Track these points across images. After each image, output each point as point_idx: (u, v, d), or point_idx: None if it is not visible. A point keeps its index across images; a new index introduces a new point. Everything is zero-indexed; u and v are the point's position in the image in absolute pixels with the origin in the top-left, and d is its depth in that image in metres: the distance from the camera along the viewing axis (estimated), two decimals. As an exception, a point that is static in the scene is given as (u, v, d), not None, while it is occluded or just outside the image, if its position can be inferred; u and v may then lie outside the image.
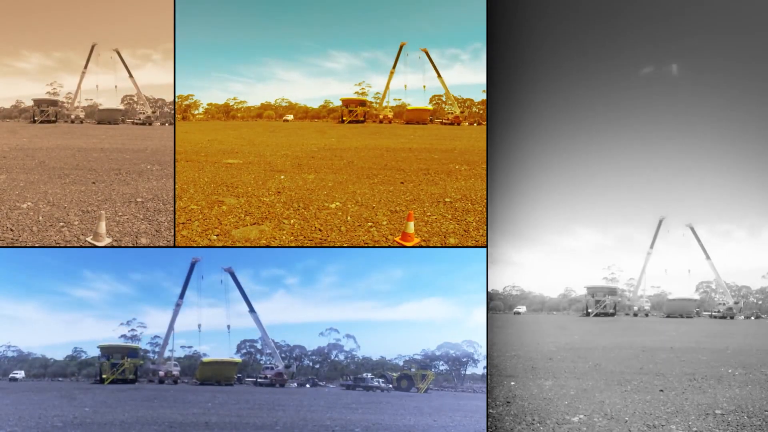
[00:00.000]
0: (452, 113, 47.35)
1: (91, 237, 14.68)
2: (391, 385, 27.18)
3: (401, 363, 31.27)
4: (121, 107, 43.81)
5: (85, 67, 40.23)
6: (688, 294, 34.28)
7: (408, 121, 47.29)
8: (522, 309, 35.70)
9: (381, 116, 48.21)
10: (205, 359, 27.85)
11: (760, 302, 34.02)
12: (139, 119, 43.24)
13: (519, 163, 22.37)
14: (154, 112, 43.60)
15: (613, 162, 26.92)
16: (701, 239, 31.10)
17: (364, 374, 27.90)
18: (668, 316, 33.92)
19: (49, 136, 34.66)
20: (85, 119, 43.56)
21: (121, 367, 26.79)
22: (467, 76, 46.55)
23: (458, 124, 46.65)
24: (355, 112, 48.29)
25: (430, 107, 48.10)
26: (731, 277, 33.76)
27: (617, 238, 30.41)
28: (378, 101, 48.70)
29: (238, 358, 28.61)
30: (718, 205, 28.27)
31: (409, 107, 47.62)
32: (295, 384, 28.02)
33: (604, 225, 29.01)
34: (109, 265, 26.99)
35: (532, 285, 33.28)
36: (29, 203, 17.26)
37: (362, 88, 49.15)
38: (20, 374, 28.21)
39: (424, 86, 43.25)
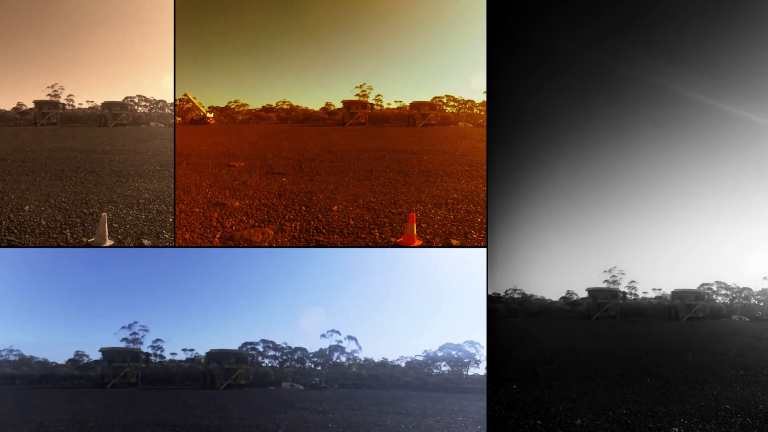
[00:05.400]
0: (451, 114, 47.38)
1: (93, 239, 14.70)
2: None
3: (403, 364, 31.23)
4: (122, 102, 43.62)
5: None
6: (689, 296, 34.19)
7: (409, 114, 47.03)
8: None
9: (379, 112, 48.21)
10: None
11: (761, 304, 33.94)
12: (141, 120, 43.21)
13: (520, 164, 22.42)
14: (154, 113, 43.59)
15: (614, 162, 26.93)
16: (704, 240, 31.03)
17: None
18: (669, 318, 33.83)
19: (50, 138, 34.68)
20: (85, 121, 43.54)
21: (124, 370, 26.84)
22: (468, 77, 46.47)
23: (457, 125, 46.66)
24: (356, 114, 48.26)
25: (431, 102, 47.94)
26: (732, 278, 33.71)
27: (619, 239, 30.33)
28: (379, 103, 48.77)
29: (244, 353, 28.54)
30: (721, 206, 28.25)
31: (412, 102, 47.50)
32: (297, 386, 27.99)
33: (606, 226, 28.95)
34: (112, 267, 26.97)
35: (534, 287, 33.18)
36: (31, 205, 17.27)
37: (363, 90, 49.11)
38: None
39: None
